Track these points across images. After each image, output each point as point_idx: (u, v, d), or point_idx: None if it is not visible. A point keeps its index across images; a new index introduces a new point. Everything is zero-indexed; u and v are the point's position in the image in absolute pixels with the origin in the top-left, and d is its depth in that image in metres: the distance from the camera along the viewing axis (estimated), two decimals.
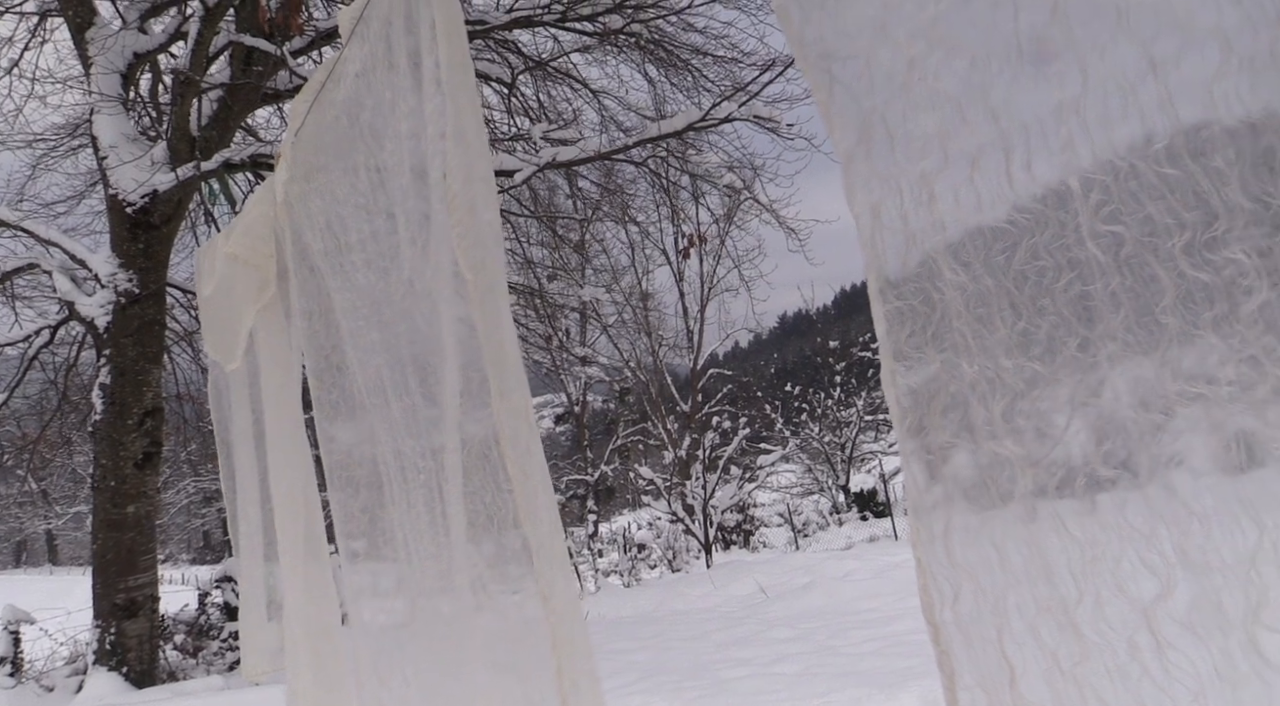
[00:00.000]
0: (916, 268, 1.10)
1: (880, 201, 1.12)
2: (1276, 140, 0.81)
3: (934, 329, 1.09)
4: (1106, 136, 0.91)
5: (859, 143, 1.14)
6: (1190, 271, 0.86)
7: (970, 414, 1.06)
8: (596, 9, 6.71)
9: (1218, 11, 0.83)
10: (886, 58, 1.09)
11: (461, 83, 1.85)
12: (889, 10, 1.08)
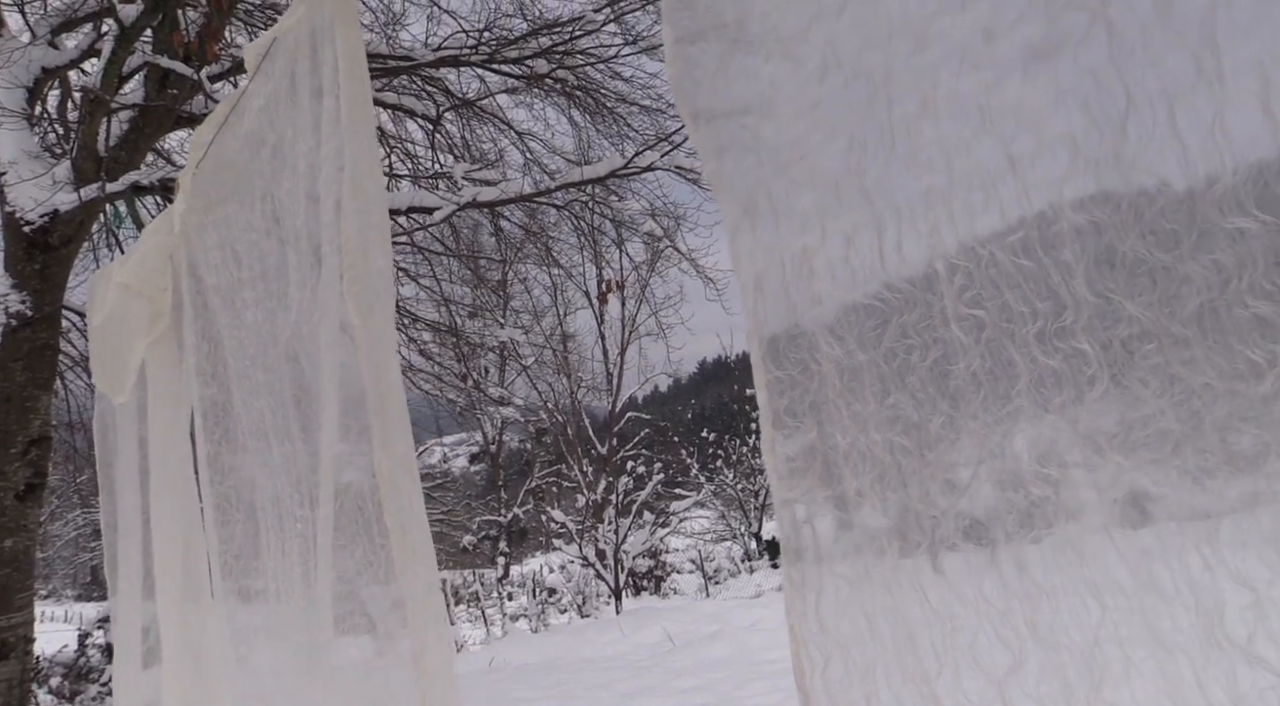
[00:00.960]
0: (797, 339, 1.12)
1: (764, 273, 1.15)
2: (1117, 239, 0.85)
3: (811, 399, 1.11)
4: (970, 225, 0.95)
5: (744, 214, 1.16)
6: (1042, 358, 0.90)
7: (843, 485, 1.08)
8: (523, 53, 6.77)
9: (1068, 117, 0.87)
10: (772, 135, 1.12)
11: (361, 125, 1.83)
12: (776, 89, 1.12)
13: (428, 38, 7.65)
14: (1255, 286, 0.80)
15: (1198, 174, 0.83)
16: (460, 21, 6.86)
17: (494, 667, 11.44)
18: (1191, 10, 0.82)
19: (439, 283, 7.97)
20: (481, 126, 8.21)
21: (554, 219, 9.53)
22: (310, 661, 1.86)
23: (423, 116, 8.04)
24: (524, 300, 14.93)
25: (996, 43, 0.92)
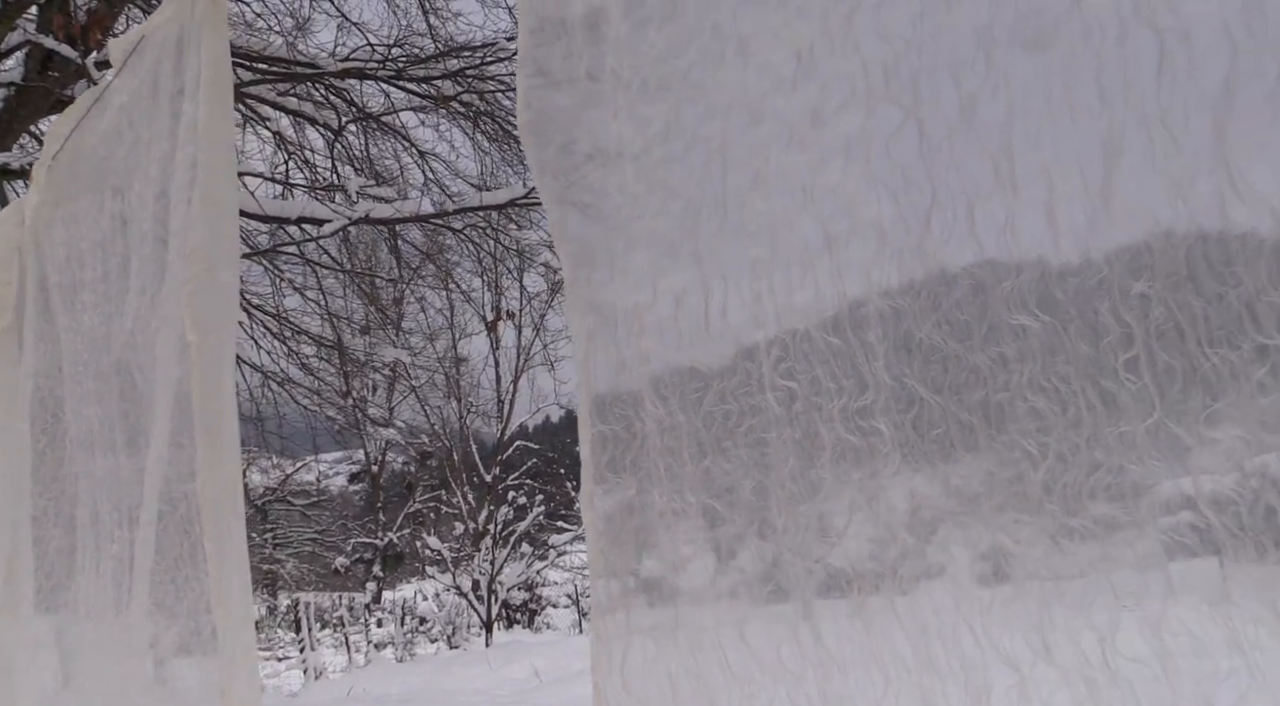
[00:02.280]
0: (623, 395, 1.13)
1: (596, 328, 1.15)
2: (915, 325, 0.89)
3: (633, 456, 1.11)
4: (788, 298, 0.98)
5: (581, 267, 1.17)
6: (844, 434, 0.92)
7: (657, 544, 1.09)
8: (431, 73, 6.71)
9: (879, 205, 0.91)
10: (614, 192, 1.14)
11: (219, 134, 1.78)
12: (622, 146, 1.13)
13: (336, 47, 7.51)
14: (1034, 381, 0.85)
15: (990, 270, 0.87)
16: (369, 35, 6.77)
17: (352, 697, 11.05)
18: (992, 118, 0.87)
19: (325, 296, 7.77)
20: (384, 142, 8.08)
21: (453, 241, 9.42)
22: (120, 686, 1.76)
23: (324, 125, 7.87)
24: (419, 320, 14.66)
25: (823, 126, 0.95)
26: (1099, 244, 0.81)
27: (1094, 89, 0.81)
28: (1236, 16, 0.75)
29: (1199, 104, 0.77)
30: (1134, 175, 0.80)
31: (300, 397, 8.91)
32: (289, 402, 9.07)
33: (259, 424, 9.34)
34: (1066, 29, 0.83)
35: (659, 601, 1.09)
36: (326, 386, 9.05)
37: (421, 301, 12.81)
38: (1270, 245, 0.74)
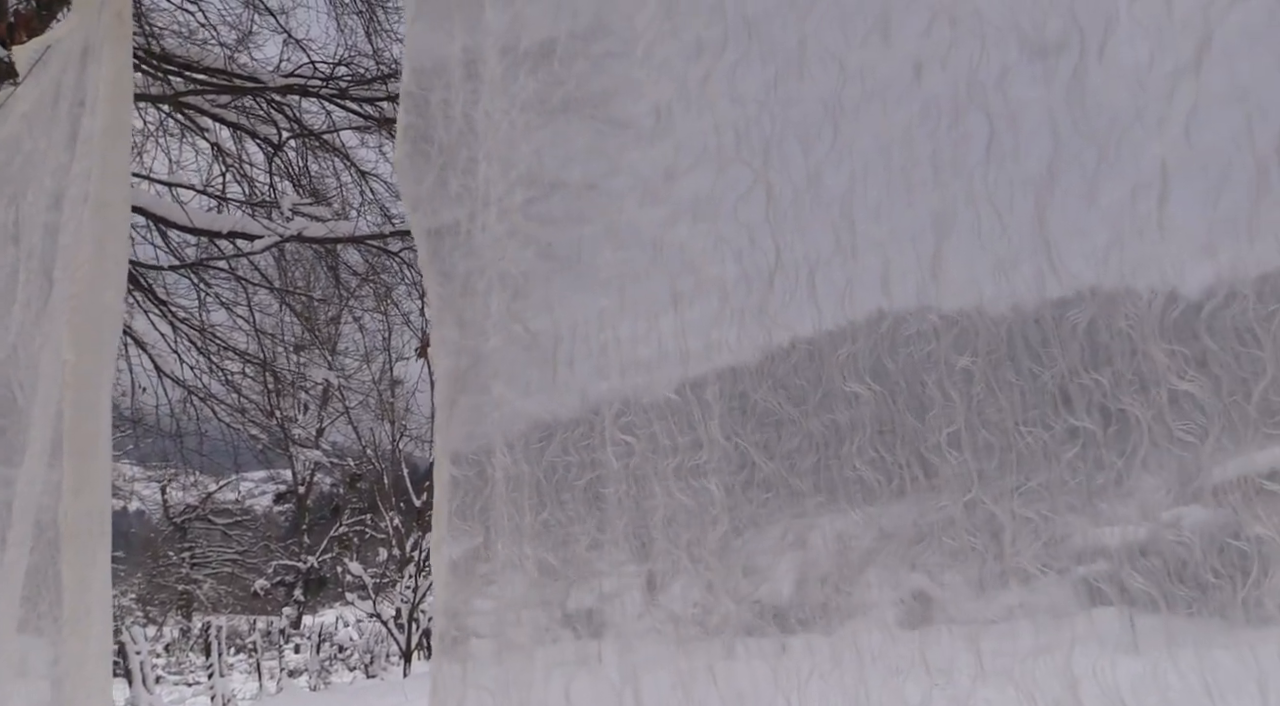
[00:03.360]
0: (479, 440, 1.10)
1: (457, 369, 1.13)
2: (750, 387, 0.88)
3: (482, 504, 1.08)
4: (633, 352, 0.96)
5: (446, 307, 1.14)
6: (677, 493, 0.91)
7: (498, 594, 1.06)
8: (375, 94, 6.67)
9: (722, 264, 0.91)
10: (479, 232, 1.12)
11: (115, 151, 1.73)
12: (489, 189, 1.11)
13: (281, 62, 7.42)
14: (863, 450, 0.84)
15: (828, 337, 0.87)
16: (312, 53, 6.71)
17: None
18: (836, 186, 0.87)
19: (254, 313, 7.61)
20: (325, 160, 7.99)
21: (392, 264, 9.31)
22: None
23: (264, 140, 7.75)
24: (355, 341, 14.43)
25: (675, 183, 0.95)
26: (928, 316, 0.81)
27: (929, 165, 0.82)
28: (1061, 106, 0.76)
29: (1023, 186, 0.78)
30: (962, 251, 0.81)
31: (223, 415, 8.68)
32: (211, 419, 8.84)
33: (178, 440, 9.08)
34: (907, 105, 0.83)
35: (496, 654, 1.05)
36: (252, 404, 8.84)
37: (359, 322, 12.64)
38: (1084, 327, 0.75)
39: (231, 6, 6.81)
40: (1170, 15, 0.71)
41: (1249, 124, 0.67)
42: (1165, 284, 0.70)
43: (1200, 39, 0.69)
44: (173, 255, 7.32)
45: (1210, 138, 0.69)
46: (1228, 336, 0.67)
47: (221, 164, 8.08)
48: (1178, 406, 0.69)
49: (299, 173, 8.17)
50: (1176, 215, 0.71)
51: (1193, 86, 0.70)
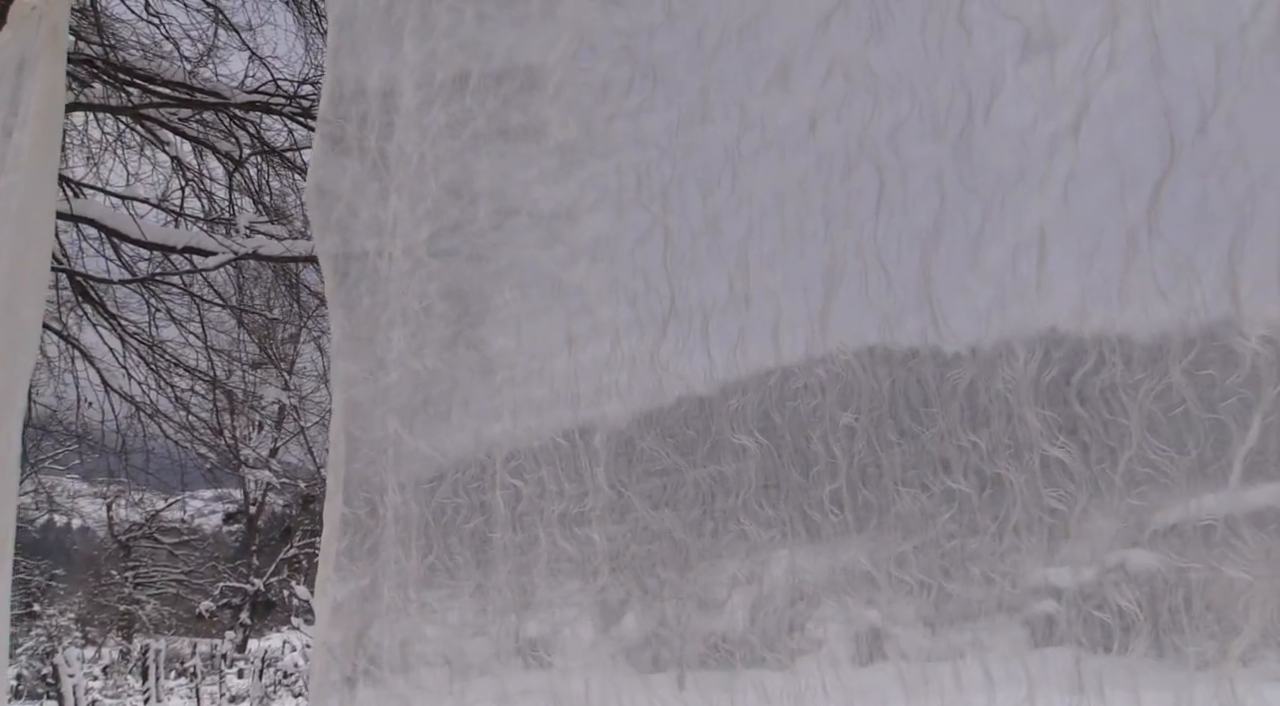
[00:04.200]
0: (370, 479, 1.07)
1: (355, 403, 1.10)
2: (638, 434, 0.86)
3: (372, 544, 1.05)
4: (525, 393, 0.94)
5: (347, 338, 1.12)
6: (561, 541, 0.88)
7: (380, 641, 1.02)
8: None
9: (616, 307, 0.89)
10: (385, 266, 1.09)
11: (41, 167, 1.70)
12: (397, 221, 1.09)
13: (245, 78, 7.37)
14: (748, 504, 0.82)
15: (718, 387, 0.85)
16: (276, 71, 6.67)
17: None
18: (733, 233, 0.86)
19: (206, 330, 7.49)
20: (287, 177, 7.92)
21: None
22: None
23: (226, 155, 7.68)
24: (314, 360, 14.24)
25: (576, 223, 0.94)
26: (815, 370, 0.80)
27: (821, 216, 0.81)
28: (949, 163, 0.76)
29: (911, 241, 0.77)
30: (850, 305, 0.80)
31: (171, 432, 8.50)
32: (159, 436, 8.65)
33: (123, 457, 8.87)
34: (803, 155, 0.83)
35: (378, 701, 1.02)
36: (201, 422, 8.67)
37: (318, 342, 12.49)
38: (964, 388, 0.74)
39: (197, 21, 6.76)
40: (1053, 79, 0.71)
41: (1122, 190, 0.67)
42: (1041, 347, 0.70)
43: (1079, 103, 0.69)
44: (125, 269, 7.20)
45: (1086, 202, 0.69)
46: (1097, 403, 0.67)
47: (181, 178, 7.99)
48: (1049, 472, 0.68)
49: (259, 189, 8.10)
50: (1054, 277, 0.70)
51: (1072, 149, 0.70)
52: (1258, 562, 0.60)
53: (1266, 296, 0.61)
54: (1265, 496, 0.61)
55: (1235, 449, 0.61)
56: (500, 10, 1.05)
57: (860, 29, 0.80)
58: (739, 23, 0.87)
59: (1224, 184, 0.64)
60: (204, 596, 21.87)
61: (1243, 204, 0.63)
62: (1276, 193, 0.62)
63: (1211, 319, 0.63)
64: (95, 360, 7.86)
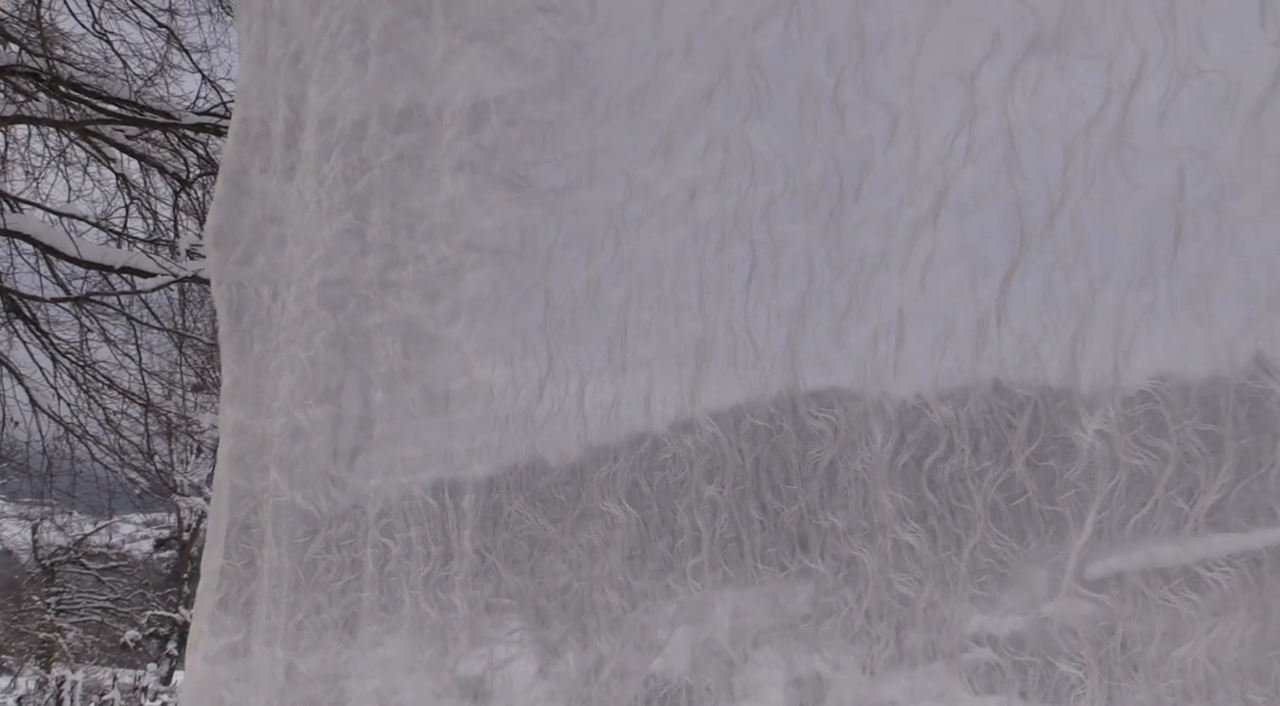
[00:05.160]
0: (251, 529, 1.04)
1: (239, 451, 1.07)
2: (507, 498, 0.85)
3: (248, 598, 1.02)
4: (399, 450, 0.93)
5: (238, 387, 1.09)
6: (424, 604, 0.87)
7: (243, 702, 0.99)
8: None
9: (493, 367, 0.88)
10: (278, 313, 1.08)
11: None
12: (292, 267, 1.08)
13: (197, 99, 7.31)
14: (613, 575, 0.81)
15: (591, 452, 0.85)
16: (226, 93, 6.61)
17: None
18: (613, 299, 0.86)
19: (140, 352, 7.32)
20: None
21: None
22: None
23: (173, 174, 7.58)
24: None
25: (460, 279, 0.93)
26: (684, 440, 0.80)
27: (696, 288, 0.81)
28: (818, 242, 0.77)
29: (779, 317, 0.78)
30: (719, 377, 0.80)
31: (100, 455, 8.27)
32: (88, 459, 8.41)
33: (49, 478, 8.60)
34: (682, 226, 0.83)
35: None
36: (132, 445, 8.44)
37: None
38: (824, 467, 0.74)
39: (150, 39, 6.70)
40: (916, 166, 0.73)
41: (973, 279, 0.68)
42: (897, 429, 0.70)
43: (939, 191, 0.71)
44: (60, 287, 7.03)
45: (941, 288, 0.70)
46: (945, 490, 0.67)
47: (126, 196, 7.86)
48: (900, 556, 0.68)
49: (206, 211, 7.99)
50: (910, 361, 0.71)
51: (931, 236, 0.71)
52: (1088, 658, 0.61)
53: (1105, 392, 0.62)
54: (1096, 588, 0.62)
55: (1072, 542, 0.62)
56: (402, 64, 1.05)
57: (741, 105, 0.81)
58: (629, 90, 0.88)
59: (1068, 278, 0.65)
60: (130, 625, 21.10)
61: (1084, 300, 0.64)
62: (1115, 290, 0.63)
63: (1053, 411, 0.64)
64: (24, 378, 7.63)
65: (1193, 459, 0.58)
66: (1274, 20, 0.59)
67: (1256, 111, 0.59)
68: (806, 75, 0.79)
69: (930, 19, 0.73)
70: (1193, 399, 0.59)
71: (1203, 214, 0.61)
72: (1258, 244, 0.59)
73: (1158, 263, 0.62)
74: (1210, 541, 0.56)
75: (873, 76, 0.76)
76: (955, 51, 0.71)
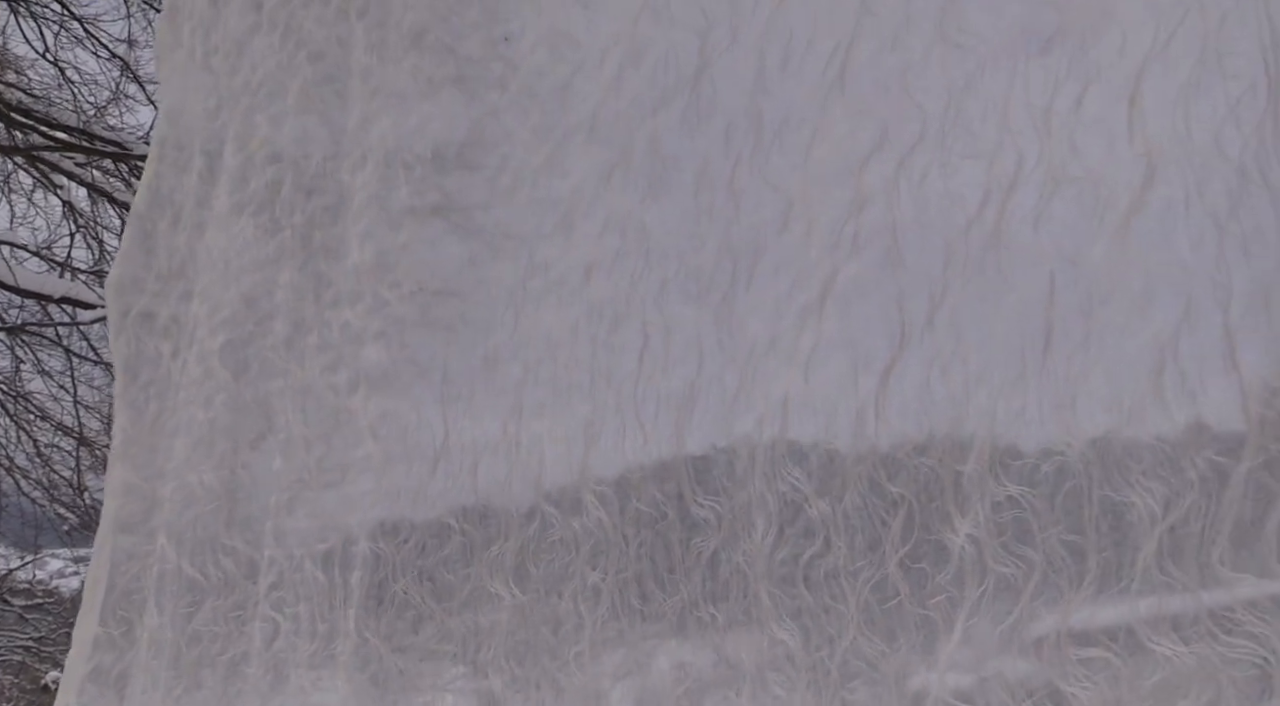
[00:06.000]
0: (132, 595, 1.00)
1: (126, 514, 1.04)
2: (393, 575, 0.83)
3: (122, 670, 0.98)
4: (293, 521, 0.90)
5: (131, 446, 1.06)
6: (308, 686, 0.84)
7: None
8: None
9: (388, 439, 0.86)
10: (177, 372, 1.05)
11: None
12: (197, 325, 1.05)
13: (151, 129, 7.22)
14: (496, 660, 0.79)
15: (481, 531, 0.83)
16: None
17: None
18: (510, 375, 0.85)
19: (76, 384, 7.13)
20: None
21: None
22: None
23: (123, 204, 7.45)
24: None
25: (361, 348, 0.91)
26: (572, 523, 0.79)
27: (588, 369, 0.81)
28: (710, 327, 0.77)
29: (667, 402, 0.77)
30: (609, 458, 0.79)
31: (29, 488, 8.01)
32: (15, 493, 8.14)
33: None
34: (577, 305, 0.83)
35: None
36: (64, 480, 8.18)
37: None
38: (708, 557, 0.73)
39: (106, 67, 6.63)
40: (807, 253, 0.73)
41: (855, 371, 0.69)
42: (776, 522, 0.70)
43: (826, 280, 0.71)
44: None
45: (824, 379, 0.70)
46: (820, 588, 0.67)
47: (72, 224, 7.71)
48: (775, 653, 0.67)
49: None
50: (793, 452, 0.71)
51: (816, 326, 0.71)
52: None
53: (976, 495, 0.62)
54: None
55: (941, 647, 0.62)
56: (318, 125, 1.04)
57: (638, 186, 0.81)
58: (535, 163, 0.88)
59: (945, 376, 0.66)
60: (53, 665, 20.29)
61: (959, 399, 0.65)
62: (989, 392, 0.64)
63: (927, 511, 0.64)
64: None
65: (1057, 569, 0.58)
66: (1140, 132, 0.61)
67: (1124, 221, 0.61)
68: (704, 159, 0.79)
69: (824, 109, 0.74)
70: (1058, 508, 0.59)
71: (1072, 320, 0.61)
72: (1121, 353, 0.59)
73: (1029, 367, 0.62)
74: (1069, 653, 0.56)
75: (768, 163, 0.76)
76: (846, 143, 0.72)
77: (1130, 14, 0.62)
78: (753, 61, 0.78)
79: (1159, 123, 0.59)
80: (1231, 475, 0.54)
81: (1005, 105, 0.66)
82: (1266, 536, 0.53)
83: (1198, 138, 0.58)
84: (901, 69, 0.70)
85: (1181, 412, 0.56)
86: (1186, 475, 0.55)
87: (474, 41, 0.97)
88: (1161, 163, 0.59)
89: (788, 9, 0.77)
